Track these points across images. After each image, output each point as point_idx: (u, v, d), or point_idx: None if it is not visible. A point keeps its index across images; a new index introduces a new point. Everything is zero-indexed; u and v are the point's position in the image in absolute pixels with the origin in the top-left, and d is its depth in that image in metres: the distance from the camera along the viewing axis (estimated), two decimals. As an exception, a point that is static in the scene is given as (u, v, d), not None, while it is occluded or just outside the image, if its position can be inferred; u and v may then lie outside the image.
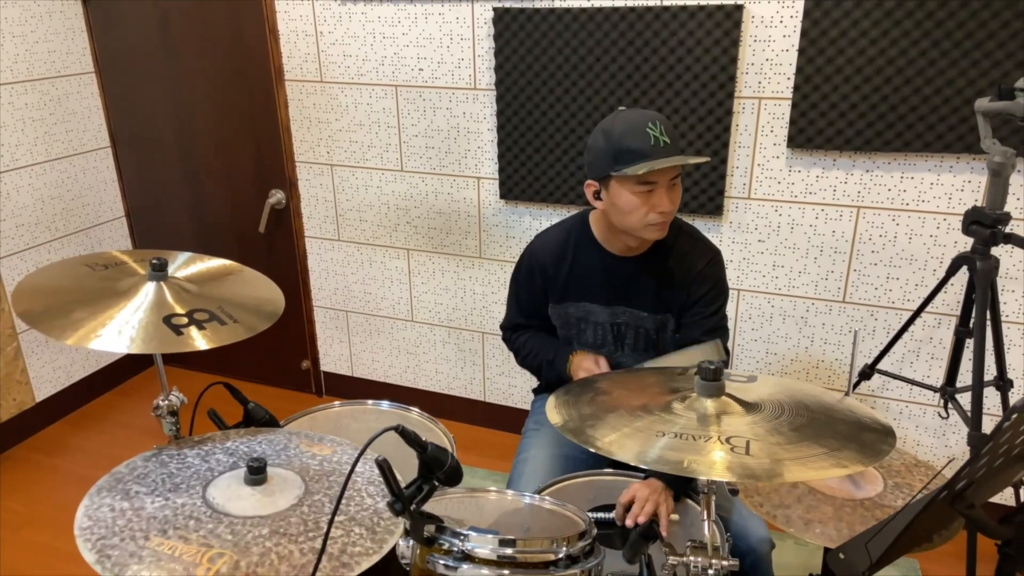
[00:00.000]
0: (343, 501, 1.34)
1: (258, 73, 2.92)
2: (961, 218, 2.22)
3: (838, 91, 2.19)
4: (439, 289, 2.99)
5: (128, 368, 3.54)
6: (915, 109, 2.14)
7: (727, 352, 1.72)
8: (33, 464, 2.94)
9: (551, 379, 1.84)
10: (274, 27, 2.83)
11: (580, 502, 1.52)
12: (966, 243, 2.23)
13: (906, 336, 2.39)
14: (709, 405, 1.07)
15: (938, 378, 2.39)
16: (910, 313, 2.28)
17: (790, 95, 2.28)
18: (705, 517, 1.03)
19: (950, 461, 1.26)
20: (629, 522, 1.31)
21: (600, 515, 1.41)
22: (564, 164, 2.59)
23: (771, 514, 1.22)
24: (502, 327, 1.95)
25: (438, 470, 1.10)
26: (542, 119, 2.55)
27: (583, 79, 2.45)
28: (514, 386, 3.03)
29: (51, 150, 3.07)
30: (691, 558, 1.01)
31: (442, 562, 1.06)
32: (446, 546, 1.07)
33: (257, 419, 1.64)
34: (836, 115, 2.22)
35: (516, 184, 2.68)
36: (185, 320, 1.43)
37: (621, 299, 1.73)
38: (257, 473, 1.31)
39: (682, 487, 1.51)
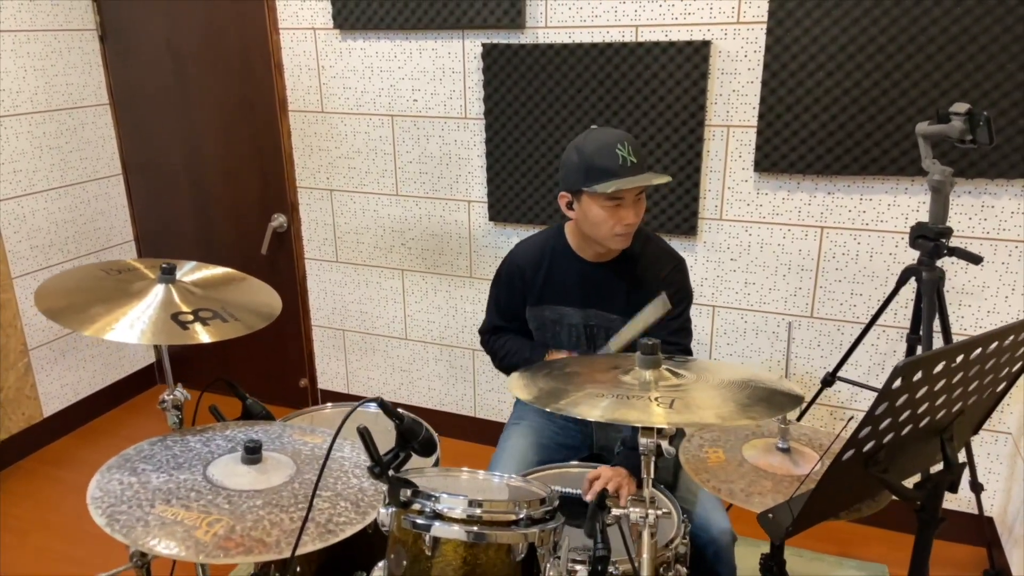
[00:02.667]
0: (332, 480, 1.47)
1: (263, 104, 3.11)
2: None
3: (799, 119, 2.37)
4: (432, 308, 3.13)
5: (133, 386, 3.67)
6: (870, 135, 2.31)
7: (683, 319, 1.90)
8: (40, 475, 3.06)
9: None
10: (279, 62, 3.03)
11: (551, 490, 1.66)
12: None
13: (871, 349, 2.53)
14: (648, 375, 1.22)
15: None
16: (874, 328, 2.42)
17: (756, 123, 2.45)
18: (645, 475, 1.16)
19: (850, 419, 1.38)
20: (590, 496, 1.45)
21: (569, 491, 1.54)
22: (548, 188, 2.75)
23: (716, 487, 1.35)
24: (481, 331, 2.10)
25: (413, 440, 1.23)
26: (528, 146, 2.73)
27: (565, 109, 2.63)
28: (503, 401, 3.15)
29: (66, 176, 3.25)
30: (631, 510, 1.14)
31: (416, 521, 1.19)
32: (419, 507, 1.20)
33: (255, 414, 1.78)
34: (798, 141, 2.39)
35: (504, 207, 2.84)
36: (191, 317, 1.58)
37: (593, 303, 1.88)
38: (253, 453, 1.44)
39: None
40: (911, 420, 1.13)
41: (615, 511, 1.13)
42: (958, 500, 2.56)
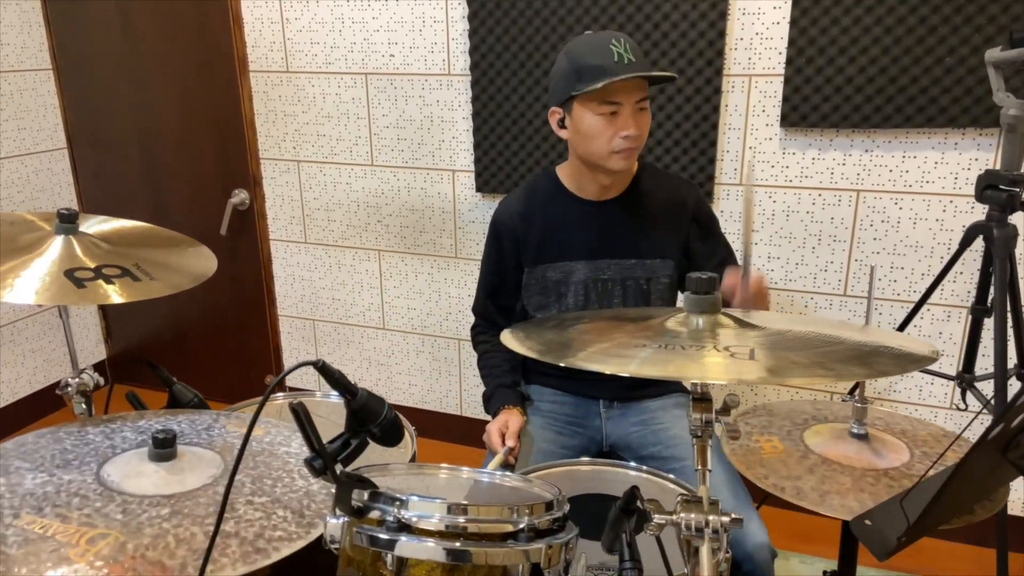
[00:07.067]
0: (270, 483, 1.12)
1: (222, 65, 2.77)
2: (968, 200, 2.06)
3: (833, 64, 2.05)
4: (412, 293, 2.79)
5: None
6: (916, 80, 2.00)
7: None
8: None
9: (484, 402, 1.72)
10: (238, 15, 2.69)
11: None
12: (975, 226, 2.06)
13: (912, 331, 2.21)
14: (701, 321, 0.88)
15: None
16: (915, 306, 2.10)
17: (782, 71, 2.13)
18: (699, 466, 0.83)
19: (990, 400, 1.06)
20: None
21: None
22: (544, 152, 2.42)
23: (778, 486, 1.02)
24: (472, 309, 1.77)
25: (371, 422, 0.89)
26: (520, 104, 2.40)
27: (562, 60, 2.30)
28: (492, 398, 2.81)
29: (2, 148, 2.89)
30: (682, 515, 0.81)
31: (375, 535, 0.84)
32: (379, 516, 0.86)
33: (183, 402, 1.43)
34: (832, 90, 2.07)
35: (493, 175, 2.51)
36: (91, 274, 1.23)
37: (604, 251, 1.57)
38: (163, 447, 1.10)
39: None
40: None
41: (657, 518, 0.80)
42: (1010, 502, 2.24)
